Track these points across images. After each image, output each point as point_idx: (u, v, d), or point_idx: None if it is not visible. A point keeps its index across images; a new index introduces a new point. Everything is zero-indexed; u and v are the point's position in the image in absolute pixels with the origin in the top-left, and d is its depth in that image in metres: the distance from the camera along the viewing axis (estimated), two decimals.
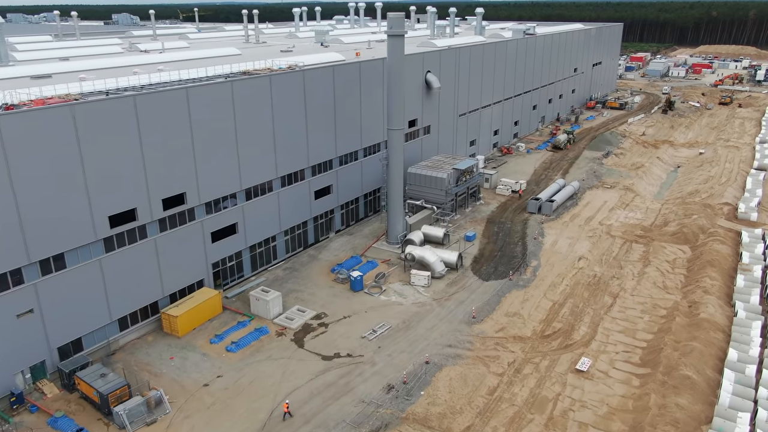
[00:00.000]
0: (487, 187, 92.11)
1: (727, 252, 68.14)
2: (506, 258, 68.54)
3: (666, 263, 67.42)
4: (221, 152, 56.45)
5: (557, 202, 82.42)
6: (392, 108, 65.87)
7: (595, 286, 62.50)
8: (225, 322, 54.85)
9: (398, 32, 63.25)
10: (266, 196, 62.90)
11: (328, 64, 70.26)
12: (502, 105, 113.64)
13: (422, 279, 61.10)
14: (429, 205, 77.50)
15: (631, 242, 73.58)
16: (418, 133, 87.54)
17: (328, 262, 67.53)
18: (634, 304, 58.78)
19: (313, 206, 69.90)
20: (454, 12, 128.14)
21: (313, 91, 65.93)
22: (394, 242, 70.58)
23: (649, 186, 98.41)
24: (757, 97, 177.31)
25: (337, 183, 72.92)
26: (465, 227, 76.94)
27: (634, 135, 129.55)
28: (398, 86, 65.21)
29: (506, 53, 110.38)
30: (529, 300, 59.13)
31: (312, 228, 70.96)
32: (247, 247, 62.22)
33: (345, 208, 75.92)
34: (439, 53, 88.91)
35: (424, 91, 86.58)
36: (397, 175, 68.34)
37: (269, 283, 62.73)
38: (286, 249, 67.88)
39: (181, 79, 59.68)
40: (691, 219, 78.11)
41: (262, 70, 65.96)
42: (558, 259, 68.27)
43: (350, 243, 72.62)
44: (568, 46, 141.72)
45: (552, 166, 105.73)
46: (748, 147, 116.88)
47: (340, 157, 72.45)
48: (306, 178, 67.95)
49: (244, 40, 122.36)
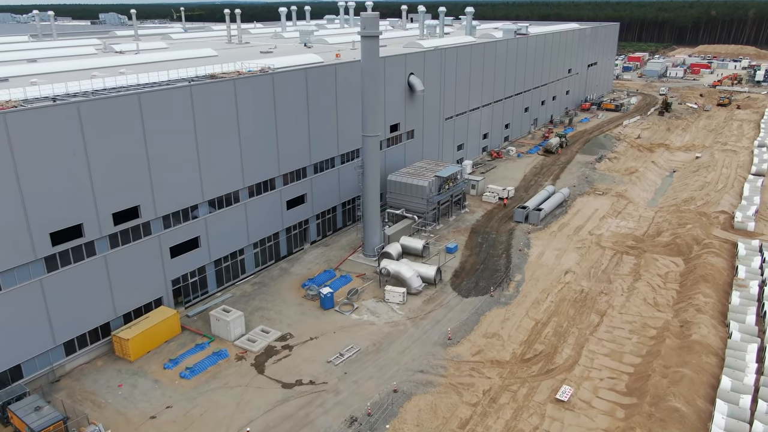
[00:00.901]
0: (473, 193, 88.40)
1: (722, 265, 64.42)
2: (489, 272, 64.83)
3: (658, 277, 63.72)
4: (180, 162, 52.75)
5: (545, 210, 78.69)
6: (367, 113, 62.16)
7: (581, 302, 58.83)
8: (183, 344, 51.16)
9: (372, 33, 59.53)
10: (232, 208, 59.20)
11: (300, 67, 66.55)
12: (491, 107, 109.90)
13: (397, 296, 57.42)
14: (410, 214, 73.79)
15: (621, 254, 69.89)
16: (400, 138, 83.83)
17: (300, 276, 63.83)
18: (622, 323, 55.11)
19: (285, 217, 66.21)
20: (443, 12, 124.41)
21: (283, 96, 62.25)
22: (371, 255, 66.90)
23: (643, 192, 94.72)
24: (756, 98, 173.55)
25: (312, 192, 69.22)
26: (447, 238, 73.23)
27: (629, 138, 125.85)
28: (373, 90, 61.50)
29: (496, 54, 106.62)
30: (511, 319, 55.43)
31: (284, 239, 67.27)
32: (212, 261, 58.53)
33: (321, 218, 72.23)
34: (423, 54, 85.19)
35: (407, 94, 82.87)
36: (373, 184, 64.63)
37: (236, 299, 59.08)
38: (256, 262, 64.19)
39: (140, 84, 56.02)
40: (685, 229, 74.40)
41: (230, 74, 62.27)
42: (543, 273, 64.56)
43: (325, 255, 68.92)
44: (561, 47, 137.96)
45: (542, 172, 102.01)
46: (746, 151, 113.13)
47: (314, 164, 68.74)
48: (277, 187, 64.25)
49: (226, 41, 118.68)
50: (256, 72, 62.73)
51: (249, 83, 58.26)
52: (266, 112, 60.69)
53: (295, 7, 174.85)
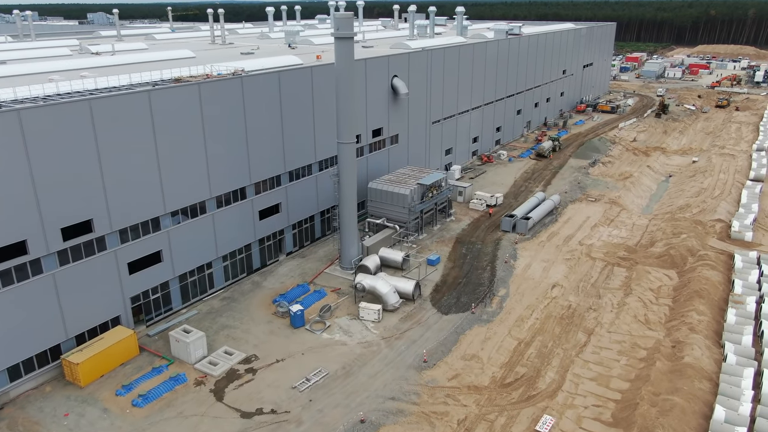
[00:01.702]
0: (461, 200, 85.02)
1: (718, 279, 61.08)
2: (471, 286, 61.48)
3: (650, 292, 60.39)
4: (139, 172, 49.39)
5: (534, 219, 75.29)
6: (342, 119, 58.81)
7: (568, 319, 55.50)
8: (139, 368, 47.80)
9: (346, 34, 56.16)
10: (198, 219, 55.86)
11: (273, 70, 63.19)
12: (482, 110, 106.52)
13: (372, 313, 54.07)
14: (391, 224, 70.45)
15: (612, 266, 66.56)
16: (384, 143, 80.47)
17: (273, 290, 60.47)
18: (611, 342, 51.78)
19: (258, 227, 62.87)
20: (433, 11, 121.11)
21: (254, 100, 58.91)
22: (348, 267, 63.55)
23: (637, 198, 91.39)
24: (756, 100, 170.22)
25: (287, 201, 65.86)
26: (430, 248, 69.85)
27: (625, 141, 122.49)
28: (348, 95, 58.15)
29: (486, 55, 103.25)
30: (492, 338, 52.09)
31: (257, 251, 63.91)
32: (176, 276, 55.17)
33: (297, 228, 68.87)
34: (407, 56, 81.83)
35: (390, 98, 79.52)
36: (350, 193, 61.30)
37: (202, 316, 55.73)
38: (226, 276, 60.84)
39: (98, 88, 52.66)
40: (680, 239, 71.07)
41: (198, 77, 58.90)
42: (529, 287, 61.21)
43: (301, 267, 65.55)
44: (555, 47, 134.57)
45: (534, 177, 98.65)
46: (744, 155, 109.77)
47: (289, 172, 65.37)
48: (248, 196, 60.90)
49: (210, 42, 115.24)
50: (226, 75, 59.39)
51: (215, 87, 54.92)
52: (235, 118, 57.34)
53: (285, 7, 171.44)
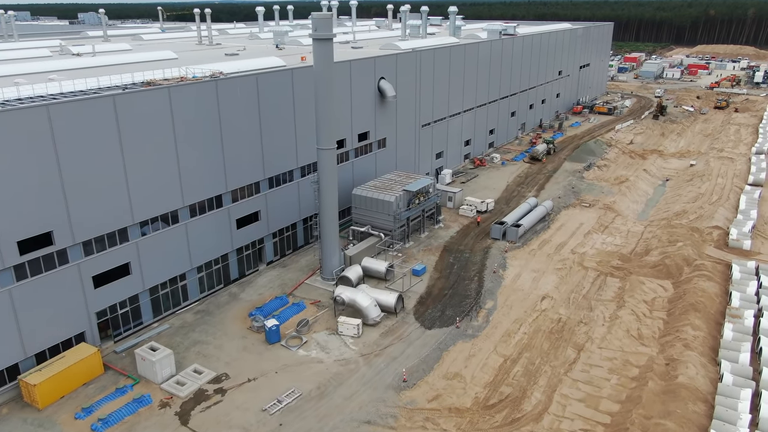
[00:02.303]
0: (450, 206, 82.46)
1: (715, 291, 58.54)
2: (458, 298, 58.95)
3: (643, 304, 57.86)
4: (104, 181, 46.87)
5: (525, 226, 72.77)
6: (321, 124, 56.28)
7: (558, 334, 52.98)
8: (103, 388, 45.28)
9: (324, 35, 53.63)
10: (170, 229, 53.34)
11: (250, 73, 60.67)
12: (474, 112, 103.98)
13: (351, 328, 51.56)
14: (376, 231, 67.93)
15: (605, 275, 64.03)
16: (370, 147, 77.95)
17: (250, 302, 57.95)
18: (602, 359, 49.25)
19: (236, 236, 60.36)
20: (426, 11, 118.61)
21: (230, 104, 56.39)
22: (329, 278, 61.03)
23: (633, 204, 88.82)
24: (755, 101, 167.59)
25: (267, 208, 63.35)
26: (416, 257, 67.32)
27: (621, 144, 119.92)
28: (327, 98, 55.62)
29: (478, 56, 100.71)
30: (477, 355, 49.55)
31: (235, 261, 61.38)
32: (146, 289, 52.64)
33: (278, 236, 66.34)
34: (395, 57, 79.29)
35: (377, 100, 77.00)
36: (331, 201, 58.77)
37: (174, 330, 53.22)
38: (201, 288, 58.31)
39: (63, 92, 50.07)
40: (676, 247, 68.52)
41: (172, 80, 56.36)
42: (518, 299, 58.68)
43: (281, 278, 63.02)
44: (551, 48, 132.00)
45: (527, 181, 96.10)
46: (743, 158, 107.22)
47: (269, 178, 62.86)
48: (224, 204, 58.38)
49: (197, 42, 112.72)
50: (201, 78, 56.86)
51: (187, 91, 52.41)
52: (210, 123, 54.83)
53: (277, 7, 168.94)
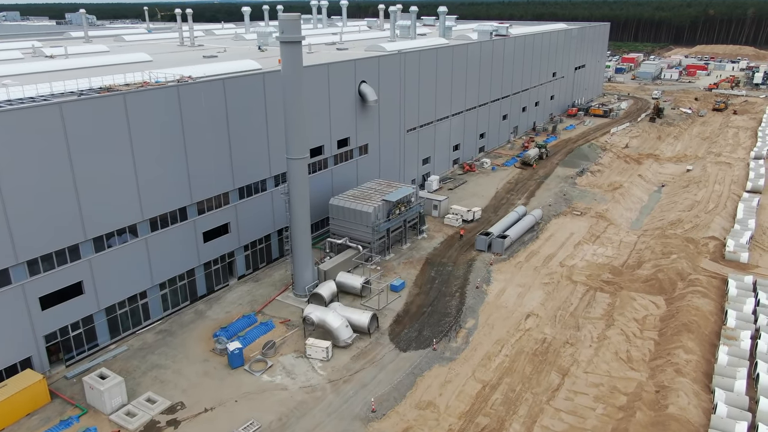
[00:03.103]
0: (435, 215, 79.12)
1: (709, 309, 55.19)
2: (437, 316, 55.60)
3: (634, 322, 54.53)
4: (51, 195, 43.53)
5: (511, 237, 69.42)
6: (291, 132, 52.94)
7: (542, 356, 49.65)
8: (47, 419, 41.92)
9: (292, 38, 50.26)
10: (127, 245, 50.00)
11: (218, 77, 57.32)
12: (463, 116, 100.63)
13: (320, 351, 48.21)
14: (354, 244, 64.59)
15: (595, 290, 60.71)
16: (351, 153, 74.61)
17: (216, 321, 54.59)
18: (587, 385, 45.91)
19: (203, 250, 57.03)
20: (415, 11, 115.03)
21: (194, 111, 53.07)
22: (302, 294, 57.70)
23: (627, 212, 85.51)
24: (754, 103, 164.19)
25: (237, 220, 60.04)
26: (396, 271, 63.96)
27: (616, 148, 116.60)
28: (296, 105, 52.27)
29: (467, 57, 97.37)
30: (453, 381, 46.21)
31: (202, 277, 58.04)
32: (101, 309, 49.28)
33: (250, 249, 63.00)
34: (377, 60, 75.94)
35: (358, 105, 73.68)
36: (302, 213, 55.42)
37: (132, 353, 49.88)
38: (164, 305, 54.95)
39: (9, 99, 46.73)
40: (670, 260, 65.18)
41: (133, 86, 53.08)
42: (501, 318, 55.33)
43: (252, 293, 59.68)
44: (545, 48, 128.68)
45: (517, 188, 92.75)
46: (741, 164, 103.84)
47: (239, 188, 59.55)
48: (189, 217, 55.04)
49: (178, 43, 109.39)
50: (165, 83, 53.56)
51: (146, 97, 49.06)
52: (171, 131, 51.49)
53: (266, 7, 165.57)
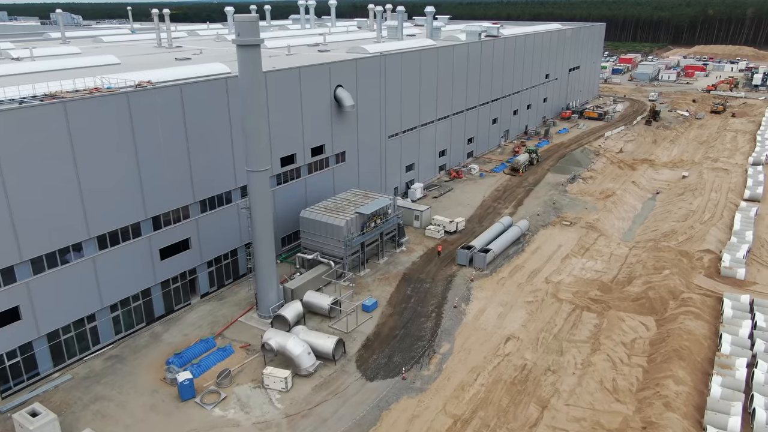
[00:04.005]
0: (417, 226, 75.25)
1: (703, 332, 51.32)
2: (410, 340, 51.73)
3: (621, 347, 50.67)
4: None
5: (494, 251, 65.56)
6: (251, 143, 49.07)
7: (520, 385, 45.81)
8: None
9: (249, 41, 46.39)
10: (71, 265, 46.15)
11: (174, 83, 53.49)
12: (450, 120, 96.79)
13: (278, 381, 44.37)
14: (326, 259, 60.76)
15: (582, 309, 56.87)
16: (327, 162, 70.77)
17: (171, 346, 50.71)
18: (568, 419, 42.07)
19: (159, 268, 53.18)
20: (402, 11, 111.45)
21: (147, 119, 49.22)
22: (266, 316, 53.87)
23: (619, 221, 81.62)
24: (753, 105, 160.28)
25: (199, 235, 56.21)
26: (370, 288, 60.11)
27: (610, 152, 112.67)
28: (256, 114, 48.39)
29: (454, 59, 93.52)
30: (422, 415, 42.36)
31: (159, 297, 54.17)
32: (42, 336, 45.44)
33: (215, 265, 59.17)
34: (355, 63, 72.07)
35: (334, 111, 69.86)
36: (264, 230, 51.58)
37: (77, 382, 46.02)
38: (117, 328, 51.08)
39: None
40: (662, 276, 61.32)
41: (82, 92, 49.22)
42: (478, 341, 51.47)
43: (214, 313, 55.82)
44: (537, 50, 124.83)
45: (505, 196, 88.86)
46: (739, 170, 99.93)
47: (201, 201, 55.72)
48: (144, 233, 51.20)
49: (156, 44, 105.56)
50: (117, 89, 49.72)
51: (90, 105, 45.21)
52: (121, 141, 47.63)
53: (254, 6, 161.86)
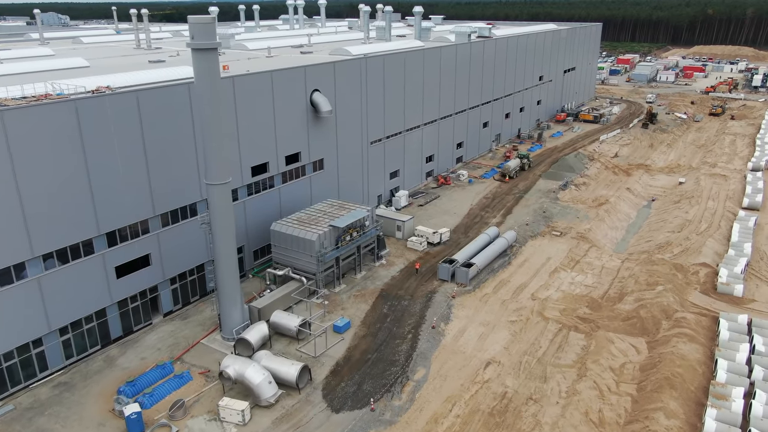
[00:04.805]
0: (399, 237, 71.74)
1: (697, 357, 47.79)
2: (382, 365, 48.20)
3: (609, 372, 47.15)
4: None
5: (478, 266, 62.03)
6: (209, 154, 45.51)
7: (499, 416, 42.31)
8: None
9: (204, 44, 42.84)
10: (14, 287, 42.65)
11: (129, 89, 49.92)
12: (437, 125, 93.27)
13: (235, 414, 40.87)
14: (299, 275, 57.28)
15: (569, 329, 53.36)
16: (303, 170, 67.25)
17: (126, 372, 47.18)
18: None
19: (115, 287, 49.67)
20: (389, 11, 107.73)
21: (99, 128, 45.71)
22: (230, 338, 50.35)
23: (612, 231, 78.10)
24: (753, 107, 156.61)
25: (160, 250, 52.70)
26: (345, 306, 56.57)
27: (605, 157, 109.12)
28: (214, 123, 44.82)
29: (441, 61, 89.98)
30: None
31: (116, 317, 50.64)
32: None
33: (179, 282, 55.64)
34: (332, 66, 68.52)
35: (311, 116, 66.36)
36: (227, 247, 48.04)
37: (20, 413, 42.52)
38: (67, 352, 47.51)
39: None
40: (655, 293, 57.82)
41: (30, 98, 45.73)
42: (456, 366, 47.94)
43: (176, 335, 52.29)
44: (530, 51, 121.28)
45: (493, 204, 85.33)
46: (737, 176, 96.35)
47: (162, 215, 52.19)
48: (97, 250, 47.67)
49: (135, 46, 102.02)
50: (67, 96, 46.20)
51: (30, 114, 41.70)
52: (68, 153, 44.11)
53: (243, 6, 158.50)
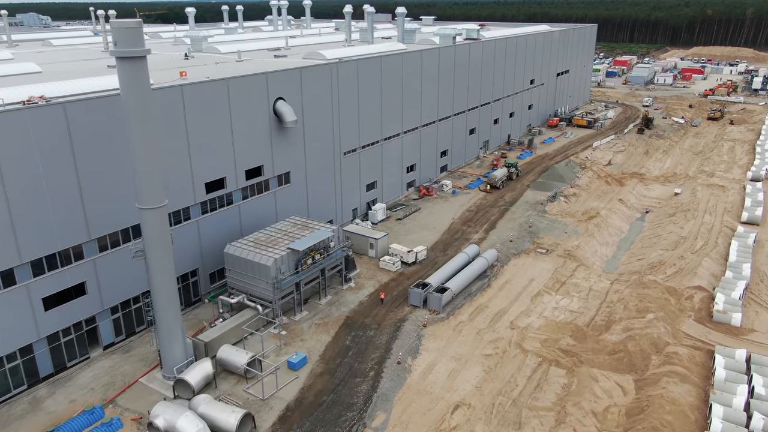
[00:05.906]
0: (372, 255, 66.78)
1: (689, 401, 42.80)
2: (338, 408, 43.20)
3: (591, 417, 42.18)
4: None
5: (452, 291, 57.05)
6: (139, 175, 40.55)
7: None
8: None
9: (130, 52, 37.86)
10: None
11: (58, 101, 44.93)
12: (419, 132, 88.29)
13: None
14: (254, 302, 52.32)
15: (549, 364, 48.41)
16: (267, 184, 62.29)
17: (51, 417, 42.20)
18: None
19: (44, 320, 44.69)
20: (372, 12, 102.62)
21: (18, 145, 40.81)
22: (171, 376, 45.36)
23: (602, 247, 73.11)
24: (753, 111, 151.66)
25: (98, 277, 47.71)
26: (304, 337, 51.57)
27: (597, 165, 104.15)
28: (143, 140, 39.86)
29: (422, 66, 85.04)
30: None
31: (45, 353, 45.65)
32: None
33: (121, 311, 50.63)
34: (299, 72, 63.56)
35: (275, 127, 61.42)
36: (164, 276, 43.07)
37: None
38: None
39: None
40: (645, 321, 52.84)
41: None
42: (420, 410, 42.93)
43: (113, 372, 47.25)
44: (521, 53, 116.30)
45: (477, 217, 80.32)
46: (736, 186, 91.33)
47: (98, 239, 47.24)
48: (19, 281, 42.73)
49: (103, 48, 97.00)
50: None
51: None
52: None
53: (226, 7, 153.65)
